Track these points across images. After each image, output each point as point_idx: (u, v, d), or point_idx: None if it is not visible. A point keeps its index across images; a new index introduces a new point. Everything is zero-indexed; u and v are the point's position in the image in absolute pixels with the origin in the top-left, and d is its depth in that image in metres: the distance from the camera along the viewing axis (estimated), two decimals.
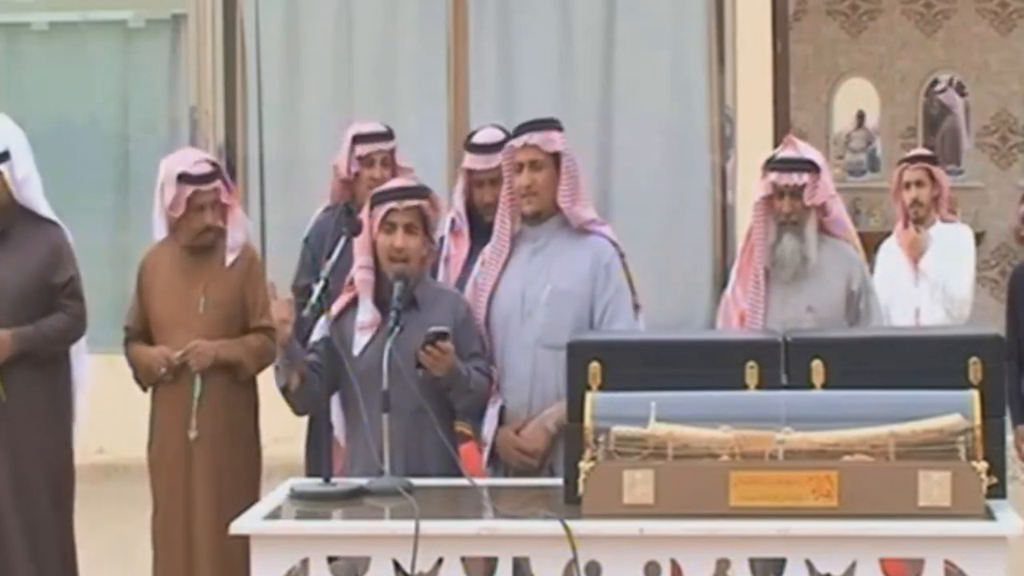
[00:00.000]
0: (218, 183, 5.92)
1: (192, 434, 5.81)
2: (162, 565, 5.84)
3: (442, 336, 5.06)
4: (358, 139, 6.37)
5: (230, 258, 5.95)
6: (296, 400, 5.21)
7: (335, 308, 5.28)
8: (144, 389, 5.90)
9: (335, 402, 5.30)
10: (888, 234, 7.68)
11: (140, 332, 5.94)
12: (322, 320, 5.19)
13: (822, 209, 5.74)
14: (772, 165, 5.76)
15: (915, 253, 7.38)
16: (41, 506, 5.84)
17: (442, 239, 6.01)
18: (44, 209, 5.98)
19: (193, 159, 6.00)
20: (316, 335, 5.26)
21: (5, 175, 5.86)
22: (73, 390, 6.02)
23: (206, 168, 5.91)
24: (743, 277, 5.80)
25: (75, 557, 5.97)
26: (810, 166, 5.70)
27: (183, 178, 5.85)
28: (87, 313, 5.99)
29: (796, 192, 5.68)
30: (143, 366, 5.89)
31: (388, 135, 6.43)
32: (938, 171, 7.59)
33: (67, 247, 5.99)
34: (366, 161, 6.30)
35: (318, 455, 6.01)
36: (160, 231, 5.99)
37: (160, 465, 5.87)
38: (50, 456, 5.90)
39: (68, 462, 5.98)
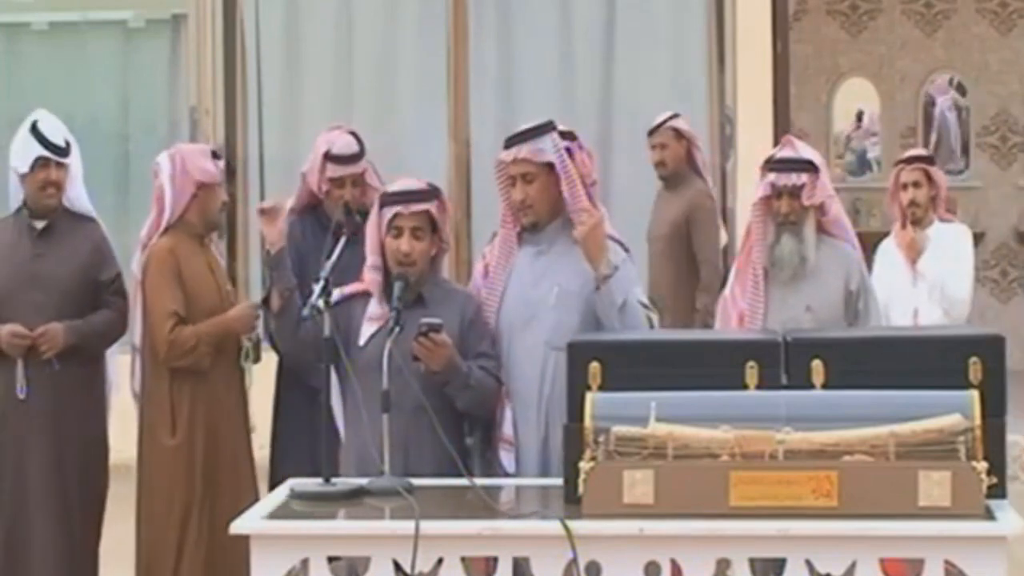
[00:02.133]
0: None
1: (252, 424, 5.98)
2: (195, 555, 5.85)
3: (435, 328, 5.05)
4: (330, 158, 6.26)
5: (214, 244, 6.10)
6: (277, 325, 5.25)
7: (347, 290, 5.28)
8: (205, 365, 5.81)
9: (335, 397, 5.31)
10: (888, 234, 7.69)
11: (184, 317, 5.80)
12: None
13: (821, 209, 5.74)
14: (771, 165, 5.76)
15: (913, 254, 7.38)
16: (75, 504, 5.90)
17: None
18: (90, 209, 6.07)
19: (206, 150, 6.09)
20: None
21: (70, 168, 5.96)
22: (108, 390, 6.08)
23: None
24: (742, 277, 5.80)
25: (97, 556, 6.03)
26: (809, 166, 5.70)
27: (215, 155, 6.01)
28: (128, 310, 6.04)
29: (795, 192, 5.68)
30: (220, 337, 5.80)
31: (360, 155, 6.31)
32: (935, 171, 7.58)
33: (108, 244, 6.11)
34: (337, 182, 6.24)
35: (283, 458, 6.08)
36: (165, 221, 5.92)
37: (205, 450, 5.83)
38: (89, 454, 5.98)
39: (104, 461, 6.05)
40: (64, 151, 5.97)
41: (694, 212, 8.27)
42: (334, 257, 5.27)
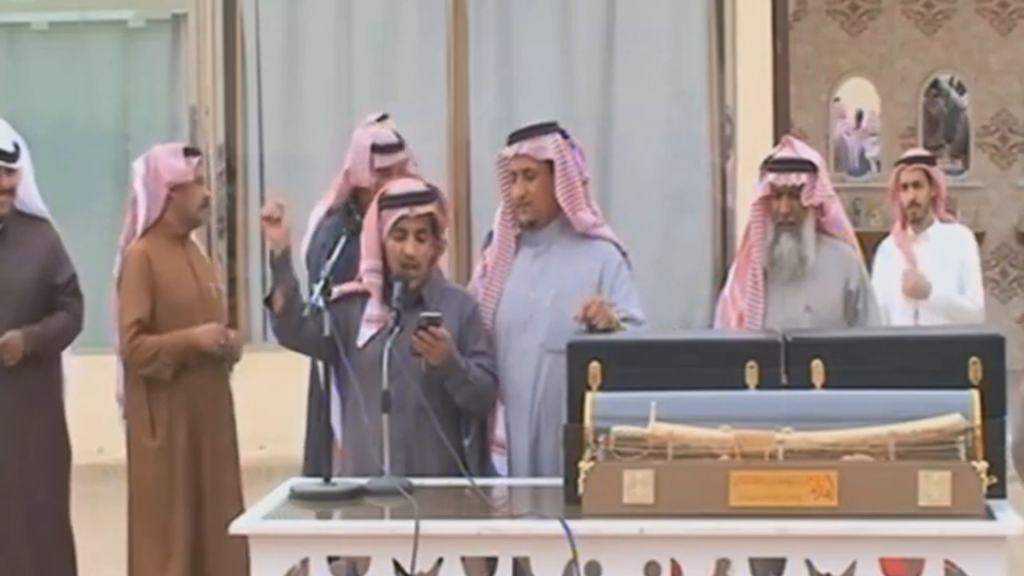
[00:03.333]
0: None
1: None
2: (163, 554, 5.85)
3: (435, 322, 5.05)
4: (376, 149, 6.26)
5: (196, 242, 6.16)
6: (278, 324, 5.25)
7: (344, 288, 5.27)
8: (167, 376, 5.85)
9: (334, 399, 5.31)
10: (888, 234, 7.68)
11: (148, 325, 5.87)
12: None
13: (820, 209, 5.74)
14: (770, 165, 5.76)
15: (918, 294, 7.33)
16: (43, 499, 5.90)
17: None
18: (42, 209, 6.03)
19: (178, 149, 6.10)
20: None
21: (24, 171, 5.93)
22: (63, 385, 6.09)
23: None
24: (741, 277, 5.80)
25: (73, 547, 6.03)
26: (808, 166, 5.70)
27: (189, 152, 6.09)
28: (84, 310, 6.04)
29: (794, 192, 5.68)
30: (183, 350, 5.84)
31: (401, 144, 6.34)
32: (935, 171, 7.58)
33: (61, 245, 6.09)
34: (385, 172, 6.23)
35: (316, 454, 6.06)
36: (141, 225, 5.95)
37: (187, 451, 5.88)
38: (53, 451, 5.97)
39: (68, 460, 6.04)
40: (14, 156, 5.90)
41: None
42: (334, 257, 5.27)
